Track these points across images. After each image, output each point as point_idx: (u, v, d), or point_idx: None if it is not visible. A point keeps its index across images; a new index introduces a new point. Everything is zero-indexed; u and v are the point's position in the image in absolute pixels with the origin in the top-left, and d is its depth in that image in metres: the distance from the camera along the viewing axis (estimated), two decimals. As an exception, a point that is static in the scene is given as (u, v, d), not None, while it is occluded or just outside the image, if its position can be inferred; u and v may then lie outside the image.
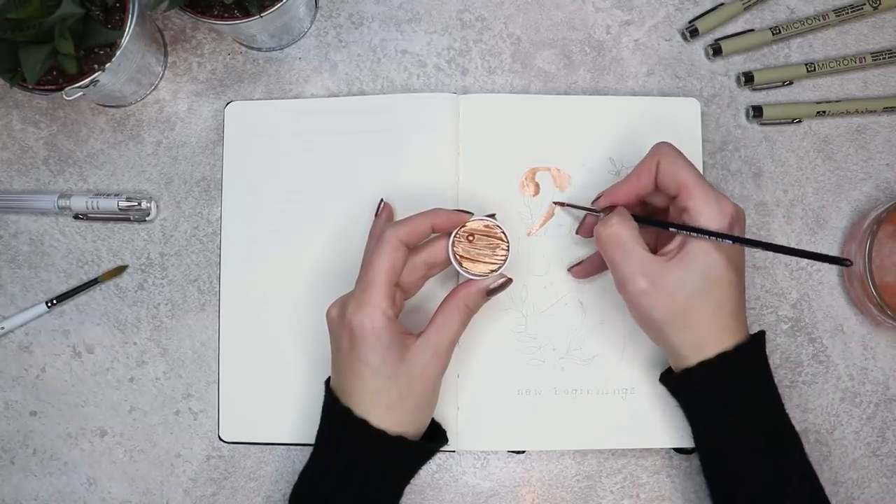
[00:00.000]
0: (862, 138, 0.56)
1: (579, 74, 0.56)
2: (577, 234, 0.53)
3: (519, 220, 0.54)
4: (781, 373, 0.54)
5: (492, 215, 0.47)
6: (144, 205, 0.54)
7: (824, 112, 0.55)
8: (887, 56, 0.56)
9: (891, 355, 0.55)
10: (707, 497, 0.50)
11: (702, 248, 0.44)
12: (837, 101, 0.55)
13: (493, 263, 0.46)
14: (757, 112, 0.55)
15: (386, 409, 0.44)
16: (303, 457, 0.51)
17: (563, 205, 0.54)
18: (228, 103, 0.56)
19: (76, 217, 0.55)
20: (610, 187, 0.49)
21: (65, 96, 0.47)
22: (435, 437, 0.49)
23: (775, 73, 0.56)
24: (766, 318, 0.55)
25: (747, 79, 0.56)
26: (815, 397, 0.54)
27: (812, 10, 0.57)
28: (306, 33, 0.56)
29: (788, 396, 0.48)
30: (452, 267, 0.47)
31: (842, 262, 0.42)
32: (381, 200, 0.53)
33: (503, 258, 0.46)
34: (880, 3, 0.55)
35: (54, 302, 0.54)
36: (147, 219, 0.55)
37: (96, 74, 0.47)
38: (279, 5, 0.47)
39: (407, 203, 0.53)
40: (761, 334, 0.47)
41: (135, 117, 0.56)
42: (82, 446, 0.54)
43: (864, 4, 0.55)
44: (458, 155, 0.54)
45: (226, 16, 0.48)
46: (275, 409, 0.54)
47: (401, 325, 0.45)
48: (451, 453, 0.54)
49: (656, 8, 0.57)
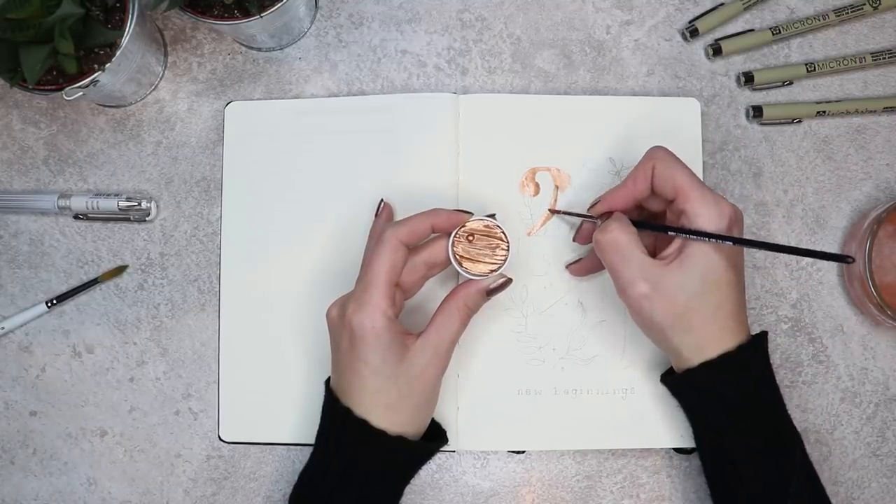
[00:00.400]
0: (862, 138, 0.56)
1: (579, 74, 0.56)
2: (573, 241, 0.53)
3: (519, 220, 0.54)
4: (781, 373, 0.54)
5: (492, 215, 0.47)
6: (144, 205, 0.54)
7: (824, 112, 0.55)
8: (887, 56, 0.56)
9: (891, 355, 0.55)
10: (707, 497, 0.50)
11: (701, 251, 0.44)
12: (837, 101, 0.55)
13: (493, 263, 0.46)
14: (757, 112, 0.55)
15: (386, 409, 0.44)
16: (303, 457, 0.51)
17: (559, 212, 0.54)
18: (228, 103, 0.56)
19: (76, 217, 0.55)
20: (606, 193, 0.49)
21: (65, 96, 0.47)
22: (435, 437, 0.49)
23: (775, 73, 0.56)
24: (767, 318, 0.55)
25: (747, 79, 0.56)
26: (815, 397, 0.54)
27: (812, 10, 0.57)
28: (306, 33, 0.56)
29: (788, 396, 0.48)
30: (452, 267, 0.47)
31: (843, 258, 0.42)
32: (381, 200, 0.53)
33: (503, 258, 0.46)
34: (880, 3, 0.55)
35: (54, 302, 0.54)
36: (147, 219, 0.55)
37: (96, 74, 0.47)
38: (279, 5, 0.47)
39: (407, 203, 0.53)
40: (763, 335, 0.47)
41: (135, 117, 0.56)
42: (82, 446, 0.54)
43: (864, 4, 0.55)
44: (458, 155, 0.54)
45: (226, 16, 0.48)
46: (275, 409, 0.54)
47: (401, 325, 0.45)
48: (451, 453, 0.54)
49: (656, 8, 0.57)
